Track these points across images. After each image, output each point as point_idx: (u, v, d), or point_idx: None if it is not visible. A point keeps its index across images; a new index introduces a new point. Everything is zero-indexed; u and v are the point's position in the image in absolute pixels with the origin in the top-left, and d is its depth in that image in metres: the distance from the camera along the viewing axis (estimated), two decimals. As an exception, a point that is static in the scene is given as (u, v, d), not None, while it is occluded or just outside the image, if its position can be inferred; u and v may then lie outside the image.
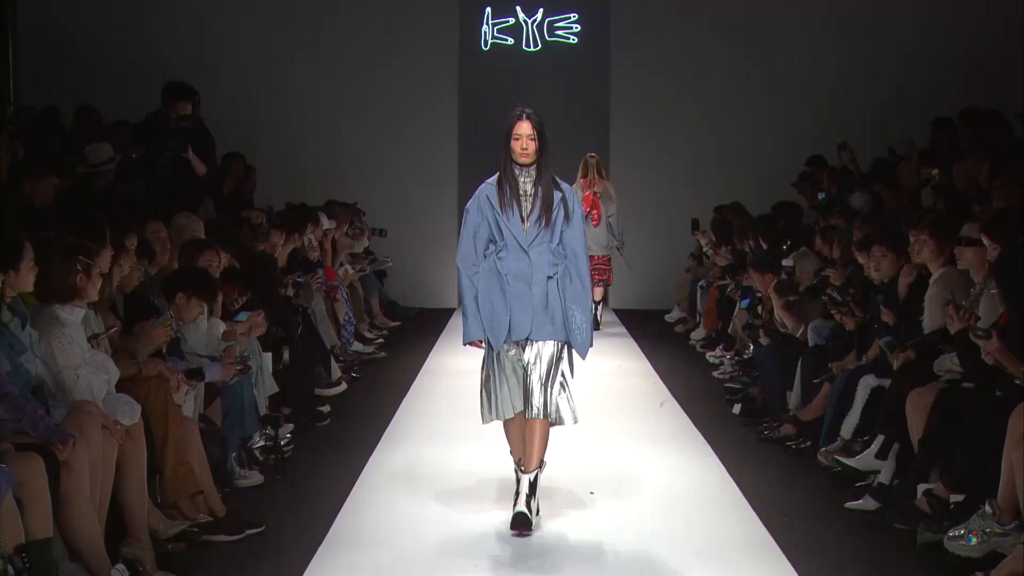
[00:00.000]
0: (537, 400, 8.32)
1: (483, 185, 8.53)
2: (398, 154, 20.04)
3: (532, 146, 8.30)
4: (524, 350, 8.43)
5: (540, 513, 8.57)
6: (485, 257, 8.47)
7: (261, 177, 16.75)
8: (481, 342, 8.52)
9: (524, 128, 8.31)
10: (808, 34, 19.93)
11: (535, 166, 8.38)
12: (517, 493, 8.43)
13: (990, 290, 8.83)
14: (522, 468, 8.47)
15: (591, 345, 8.56)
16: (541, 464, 8.53)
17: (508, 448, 8.73)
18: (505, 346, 8.41)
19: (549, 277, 8.40)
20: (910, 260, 10.34)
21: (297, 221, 14.80)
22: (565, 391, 8.52)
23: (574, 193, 8.60)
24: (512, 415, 8.47)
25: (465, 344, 8.66)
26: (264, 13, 19.86)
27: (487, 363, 8.55)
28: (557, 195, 8.38)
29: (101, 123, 14.66)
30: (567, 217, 8.42)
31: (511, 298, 8.36)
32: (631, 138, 20.67)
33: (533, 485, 8.42)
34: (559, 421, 8.49)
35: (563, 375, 8.51)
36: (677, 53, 20.33)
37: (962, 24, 19.06)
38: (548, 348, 8.41)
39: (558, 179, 8.48)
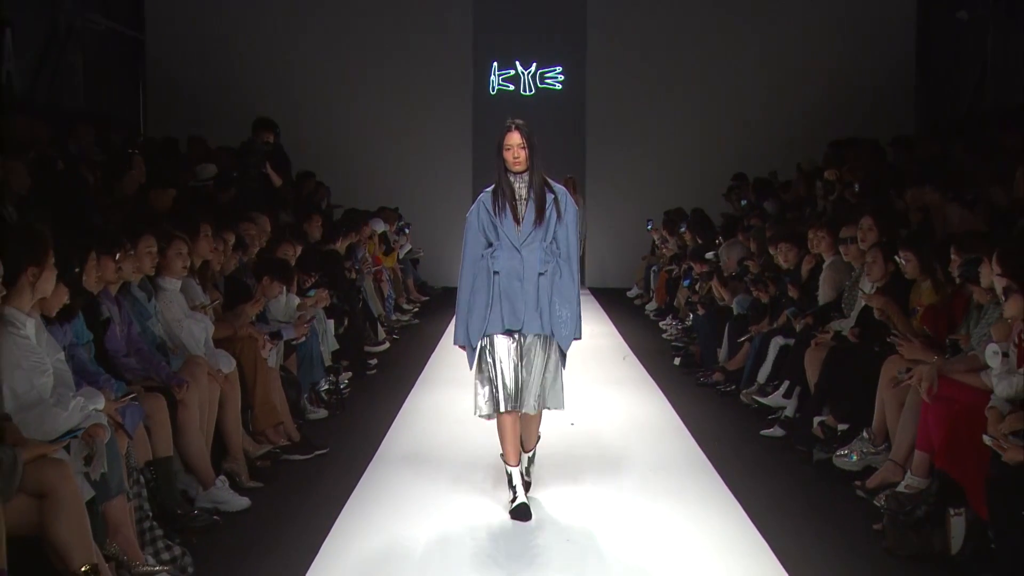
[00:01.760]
0: (532, 397, 7.03)
1: (481, 194, 7.32)
2: (427, 171, 20.06)
3: (523, 154, 7.06)
4: (519, 344, 7.06)
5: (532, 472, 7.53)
6: (482, 257, 7.18)
7: (328, 189, 16.83)
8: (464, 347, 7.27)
9: (514, 139, 7.09)
10: (739, 81, 19.85)
11: (527, 172, 7.13)
12: (513, 487, 7.12)
13: (865, 273, 8.89)
14: (523, 448, 7.32)
15: (578, 338, 7.22)
16: (537, 438, 7.50)
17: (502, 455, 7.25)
18: (499, 339, 7.05)
19: (540, 274, 7.07)
20: (810, 251, 10.39)
21: (352, 223, 14.82)
22: (557, 382, 7.18)
23: (567, 194, 7.27)
24: (505, 410, 7.05)
25: (455, 345, 7.43)
26: (329, 68, 19.86)
27: (475, 362, 7.18)
28: (550, 197, 7.13)
29: (207, 148, 14.67)
30: (560, 217, 7.14)
31: (501, 293, 7.06)
32: (602, 160, 20.66)
33: (532, 458, 7.50)
34: (553, 407, 7.21)
35: (557, 367, 7.17)
36: (636, 96, 20.29)
37: (857, 70, 18.95)
38: (540, 344, 7.06)
39: (551, 182, 7.23)
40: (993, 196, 9.68)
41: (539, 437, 7.53)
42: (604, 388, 11.14)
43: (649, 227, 18.50)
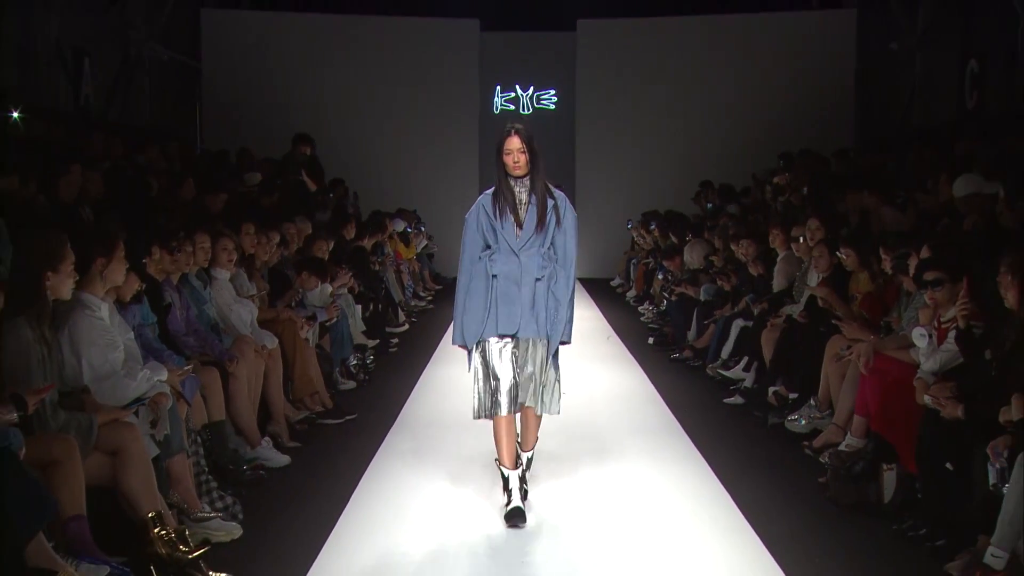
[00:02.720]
0: (532, 395, 6.10)
1: (481, 196, 6.29)
2: (440, 178, 19.93)
3: (523, 158, 6.04)
4: (514, 348, 6.11)
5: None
6: (480, 259, 6.19)
7: (356, 193, 16.83)
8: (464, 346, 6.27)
9: (514, 143, 6.05)
10: (706, 102, 19.73)
11: (528, 177, 6.11)
12: (508, 491, 6.16)
13: (812, 266, 8.89)
14: (521, 447, 6.38)
15: (566, 341, 6.21)
16: (536, 440, 6.46)
17: (497, 460, 6.35)
18: (496, 343, 6.10)
19: (538, 279, 6.09)
20: (768, 246, 10.40)
21: (378, 224, 14.83)
22: (554, 386, 6.21)
23: (566, 200, 6.27)
24: (503, 413, 6.12)
25: (454, 344, 6.38)
26: (357, 91, 19.76)
27: (472, 364, 6.24)
28: (550, 202, 6.13)
29: (253, 159, 14.66)
30: (559, 222, 6.14)
31: (499, 296, 6.08)
32: (589, 170, 20.53)
33: (530, 460, 6.44)
34: (549, 412, 6.26)
35: (554, 371, 6.21)
36: (618, 116, 20.17)
37: (806, 92, 18.88)
38: (538, 348, 6.11)
39: (552, 187, 6.22)
40: (920, 200, 9.69)
41: (537, 439, 6.47)
42: (591, 364, 11.11)
43: (629, 226, 18.49)
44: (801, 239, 9.40)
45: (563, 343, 6.23)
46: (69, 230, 5.78)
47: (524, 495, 6.22)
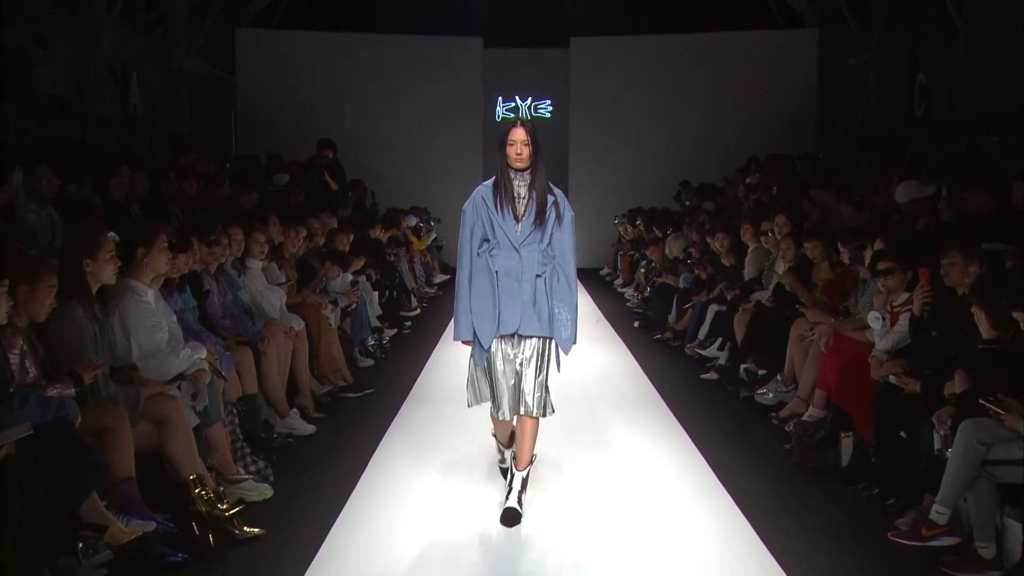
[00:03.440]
0: (531, 399, 5.35)
1: (479, 187, 5.53)
2: (447, 178, 19.63)
3: (526, 151, 5.30)
4: (516, 347, 5.37)
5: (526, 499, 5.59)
6: (479, 255, 5.40)
7: (373, 192, 16.80)
8: (469, 342, 5.44)
9: (519, 134, 5.31)
10: (686, 112, 19.64)
11: (530, 171, 5.36)
12: (509, 487, 5.49)
13: (780, 256, 8.88)
14: (514, 466, 5.52)
15: (575, 342, 5.48)
16: (531, 459, 5.54)
17: (495, 434, 5.93)
18: (497, 342, 5.36)
19: (538, 275, 5.33)
20: (740, 239, 10.38)
21: (393, 220, 14.82)
22: (545, 386, 5.45)
23: (565, 199, 5.51)
24: (508, 418, 5.43)
25: (455, 340, 5.52)
26: (373, 100, 19.68)
27: (473, 361, 5.49)
28: (550, 199, 5.38)
29: (282, 161, 14.67)
30: (558, 220, 5.37)
31: (501, 294, 5.33)
32: (581, 171, 20.39)
33: (525, 481, 5.49)
34: (544, 415, 5.46)
35: (548, 371, 5.46)
36: (607, 123, 20.07)
37: (774, 103, 18.81)
38: (538, 347, 5.38)
39: (552, 184, 5.46)
40: (873, 199, 9.68)
41: (535, 457, 5.59)
42: (582, 344, 10.93)
43: (616, 222, 18.44)
44: (769, 233, 9.39)
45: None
46: (117, 225, 5.81)
47: (517, 518, 5.39)
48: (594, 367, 9.91)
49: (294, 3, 19.84)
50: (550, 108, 21.94)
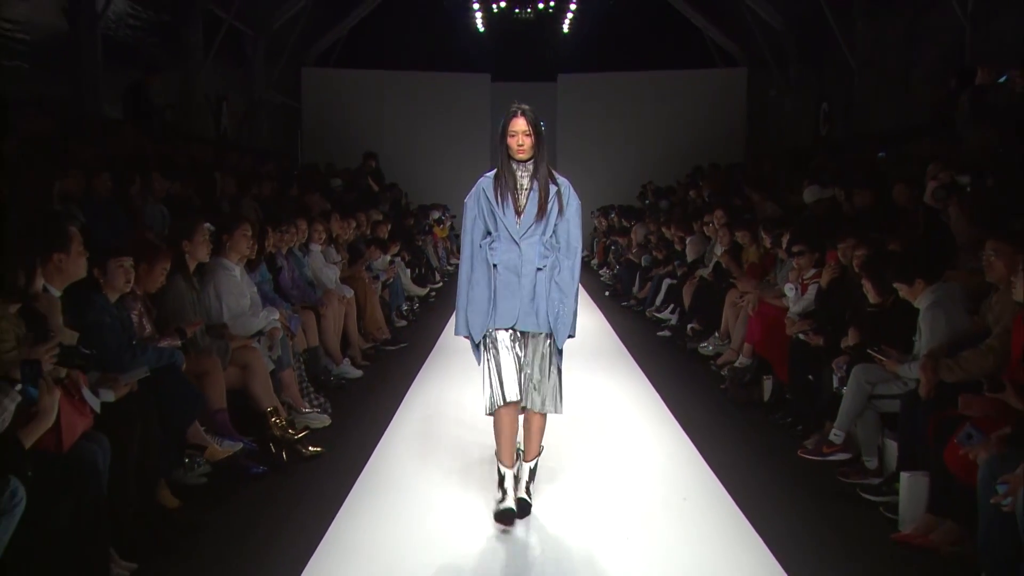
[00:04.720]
0: (536, 396, 4.09)
1: (481, 179, 4.22)
2: (460, 180, 19.26)
3: (528, 142, 4.07)
4: (517, 342, 4.11)
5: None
6: (480, 248, 4.13)
7: (406, 193, 16.72)
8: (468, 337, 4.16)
9: (520, 125, 4.08)
10: (647, 130, 19.41)
11: (532, 161, 4.11)
12: (503, 489, 4.15)
13: (718, 242, 8.84)
14: (524, 457, 4.29)
15: (572, 335, 4.24)
16: (539, 450, 4.31)
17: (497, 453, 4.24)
18: (495, 331, 4.09)
19: (539, 268, 4.07)
20: (691, 232, 10.29)
21: (423, 213, 14.76)
22: (553, 383, 4.15)
23: (570, 187, 4.23)
24: (512, 400, 4.07)
25: (456, 336, 4.25)
26: (407, 119, 19.42)
27: (478, 356, 4.18)
28: (553, 189, 4.13)
29: (337, 169, 14.62)
30: (561, 210, 4.13)
31: (499, 287, 4.06)
32: (567, 175, 20.01)
33: (533, 472, 4.31)
34: (554, 411, 4.17)
35: (558, 367, 4.20)
36: (591, 117, 19.71)
37: (713, 124, 18.58)
38: (541, 343, 4.12)
39: (555, 173, 4.22)
40: (789, 198, 9.64)
41: (542, 449, 4.34)
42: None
43: (593, 215, 18.38)
44: (710, 224, 9.34)
45: (568, 336, 4.25)
46: (211, 217, 5.81)
47: (527, 509, 4.19)
48: (578, 330, 9.88)
49: (347, 48, 19.77)
50: (543, 127, 21.74)
